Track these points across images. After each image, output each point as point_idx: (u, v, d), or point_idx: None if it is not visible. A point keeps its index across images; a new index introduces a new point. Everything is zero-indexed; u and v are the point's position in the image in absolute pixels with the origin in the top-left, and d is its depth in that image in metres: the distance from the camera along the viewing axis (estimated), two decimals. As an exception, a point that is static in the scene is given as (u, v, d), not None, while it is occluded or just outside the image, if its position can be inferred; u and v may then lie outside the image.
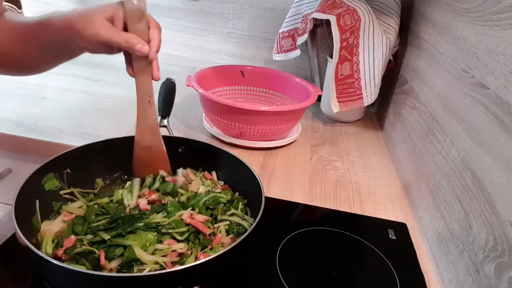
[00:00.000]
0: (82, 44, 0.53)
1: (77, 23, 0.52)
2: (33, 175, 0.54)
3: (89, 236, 0.51)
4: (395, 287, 0.55)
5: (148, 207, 0.57)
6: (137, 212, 0.56)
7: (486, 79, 0.54)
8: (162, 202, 0.60)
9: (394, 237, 0.66)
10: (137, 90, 0.59)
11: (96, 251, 0.48)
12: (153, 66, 0.56)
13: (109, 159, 0.65)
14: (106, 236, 0.50)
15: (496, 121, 0.49)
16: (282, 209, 0.71)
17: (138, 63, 0.56)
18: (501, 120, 0.48)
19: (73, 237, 0.50)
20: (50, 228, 0.52)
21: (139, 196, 0.60)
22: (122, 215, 0.54)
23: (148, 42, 0.54)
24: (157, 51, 0.55)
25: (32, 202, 0.53)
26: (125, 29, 0.54)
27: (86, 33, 0.51)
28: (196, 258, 0.51)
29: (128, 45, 0.52)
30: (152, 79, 0.57)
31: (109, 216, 0.54)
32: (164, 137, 0.64)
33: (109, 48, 0.54)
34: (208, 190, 0.63)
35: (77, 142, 0.68)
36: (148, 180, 0.64)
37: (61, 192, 0.59)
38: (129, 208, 0.57)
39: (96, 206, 0.58)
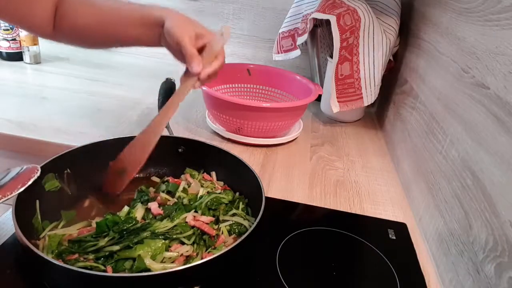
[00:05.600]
0: (164, 34, 0.61)
1: (173, 19, 0.61)
2: (33, 175, 0.54)
3: (91, 256, 0.49)
4: (395, 287, 0.55)
5: (160, 211, 0.57)
6: (150, 217, 0.57)
7: (486, 79, 0.54)
8: (168, 204, 0.60)
9: (394, 237, 0.66)
10: (172, 98, 0.62)
11: (102, 267, 0.47)
12: (197, 82, 0.62)
13: (109, 160, 0.64)
14: (115, 248, 0.49)
15: (496, 121, 0.49)
16: (282, 209, 0.71)
17: (188, 77, 0.61)
18: (501, 120, 0.48)
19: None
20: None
21: (143, 203, 0.61)
22: (126, 227, 0.53)
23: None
24: (207, 75, 0.61)
25: (32, 202, 0.53)
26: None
27: (173, 30, 0.59)
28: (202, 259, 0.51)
29: (189, 60, 0.59)
30: (195, 88, 0.62)
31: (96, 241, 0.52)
32: (164, 137, 0.64)
33: (179, 53, 0.61)
34: (208, 192, 0.63)
35: (77, 142, 0.68)
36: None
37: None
38: (141, 219, 0.57)
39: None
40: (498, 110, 0.49)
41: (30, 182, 0.47)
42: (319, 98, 1.08)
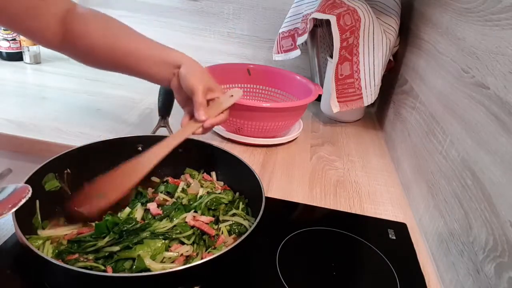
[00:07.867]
0: (180, 77, 0.64)
1: (191, 67, 0.64)
2: (33, 175, 0.54)
3: (91, 256, 0.49)
4: (395, 287, 0.55)
5: (159, 211, 0.57)
6: (149, 217, 0.56)
7: (486, 79, 0.54)
8: (167, 204, 0.60)
9: (394, 237, 0.66)
10: (172, 138, 0.63)
11: (102, 267, 0.47)
12: (200, 128, 0.64)
13: (109, 160, 0.64)
14: (115, 248, 0.49)
15: (496, 121, 0.49)
16: (282, 209, 0.71)
17: (191, 122, 0.64)
18: (501, 120, 0.48)
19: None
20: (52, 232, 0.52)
21: (142, 204, 0.60)
22: (125, 228, 0.52)
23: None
24: (210, 125, 0.64)
25: (32, 202, 0.53)
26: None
27: (190, 77, 0.62)
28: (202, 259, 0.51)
29: (198, 108, 0.63)
30: (194, 133, 0.64)
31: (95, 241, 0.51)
32: (164, 137, 0.64)
33: (185, 97, 0.65)
34: (208, 192, 0.63)
35: (77, 142, 0.68)
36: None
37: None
38: (141, 219, 0.56)
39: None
40: (498, 110, 0.49)
41: (21, 203, 0.47)
42: (319, 98, 1.08)
